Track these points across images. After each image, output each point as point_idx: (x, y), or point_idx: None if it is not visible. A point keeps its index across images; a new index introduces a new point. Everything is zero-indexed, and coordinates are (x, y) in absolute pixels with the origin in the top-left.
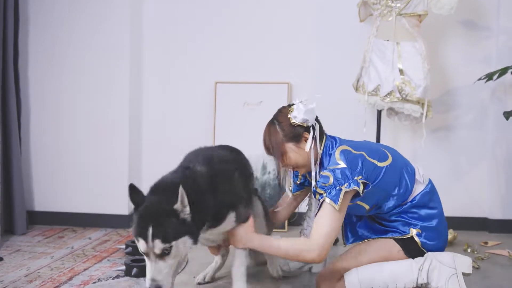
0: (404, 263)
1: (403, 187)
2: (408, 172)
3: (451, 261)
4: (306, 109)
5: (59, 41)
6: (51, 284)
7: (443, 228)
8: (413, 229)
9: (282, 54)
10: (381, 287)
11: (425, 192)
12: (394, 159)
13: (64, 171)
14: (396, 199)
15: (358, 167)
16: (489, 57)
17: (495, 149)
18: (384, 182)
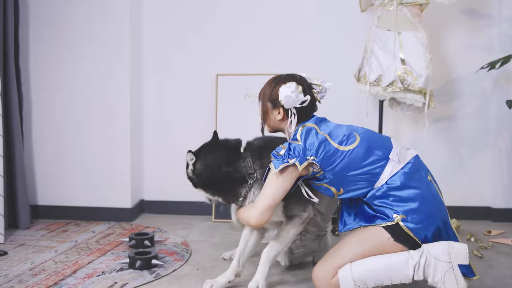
0: (400, 258)
1: (367, 168)
2: (377, 153)
3: (445, 255)
4: (287, 95)
5: (59, 34)
6: (56, 277)
7: (429, 208)
8: (397, 215)
9: (283, 45)
10: (376, 283)
11: (403, 172)
12: (362, 141)
13: (66, 165)
14: (362, 183)
15: (314, 148)
16: (491, 45)
17: (498, 138)
18: (345, 166)
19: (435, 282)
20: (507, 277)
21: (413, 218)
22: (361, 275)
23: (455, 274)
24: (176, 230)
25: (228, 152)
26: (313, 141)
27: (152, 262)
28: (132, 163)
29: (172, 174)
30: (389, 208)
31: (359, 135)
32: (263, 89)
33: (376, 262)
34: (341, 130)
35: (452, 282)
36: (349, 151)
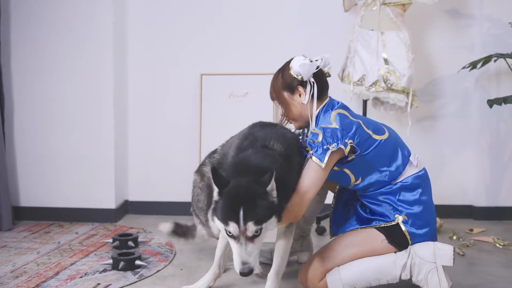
0: (388, 260)
1: (394, 164)
2: (403, 152)
3: (431, 256)
4: (302, 63)
5: (41, 33)
6: (38, 279)
7: (430, 217)
8: (399, 216)
9: (267, 45)
10: (364, 285)
11: (418, 175)
12: (391, 136)
13: (49, 166)
14: (385, 176)
15: (352, 131)
16: (473, 45)
17: (480, 137)
18: (375, 155)
19: (418, 280)
20: (489, 274)
21: (414, 223)
22: (349, 278)
23: (438, 275)
24: (160, 231)
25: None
26: (349, 125)
27: (136, 263)
28: (116, 163)
29: (157, 175)
30: (392, 206)
31: (386, 129)
32: (272, 85)
33: (364, 265)
34: (369, 120)
35: (435, 282)
36: (381, 141)
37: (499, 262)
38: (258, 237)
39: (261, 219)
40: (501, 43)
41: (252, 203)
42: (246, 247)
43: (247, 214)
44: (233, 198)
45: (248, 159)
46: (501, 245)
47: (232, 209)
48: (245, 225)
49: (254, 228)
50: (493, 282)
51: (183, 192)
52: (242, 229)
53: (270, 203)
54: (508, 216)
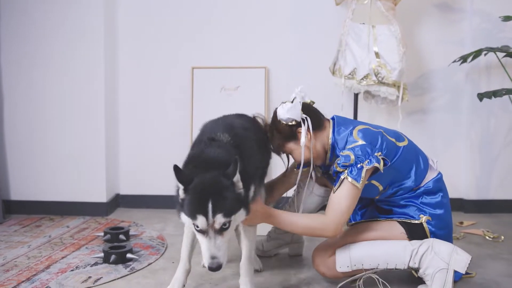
0: (399, 244)
1: (418, 169)
2: (422, 156)
3: (446, 255)
4: (288, 109)
5: (31, 30)
6: (28, 273)
7: (450, 219)
8: (423, 216)
9: (259, 38)
10: (372, 265)
11: (438, 178)
12: (410, 142)
13: (40, 159)
14: (410, 181)
15: (378, 143)
16: (463, 39)
17: (470, 131)
18: (401, 162)
19: (425, 274)
20: (478, 266)
21: (437, 223)
22: (358, 255)
23: (446, 277)
24: (152, 224)
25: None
26: (374, 136)
27: (127, 256)
28: (107, 156)
29: (148, 168)
30: (417, 207)
31: (405, 137)
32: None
33: (375, 246)
34: (388, 128)
35: (440, 283)
36: (404, 147)
37: (489, 254)
38: (226, 230)
39: (229, 211)
40: (491, 37)
41: (220, 195)
42: (215, 240)
43: (215, 206)
44: (200, 192)
45: (204, 153)
46: (491, 238)
47: (200, 203)
48: (213, 218)
49: (223, 220)
50: (482, 274)
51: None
52: (211, 222)
53: (237, 195)
54: (498, 209)
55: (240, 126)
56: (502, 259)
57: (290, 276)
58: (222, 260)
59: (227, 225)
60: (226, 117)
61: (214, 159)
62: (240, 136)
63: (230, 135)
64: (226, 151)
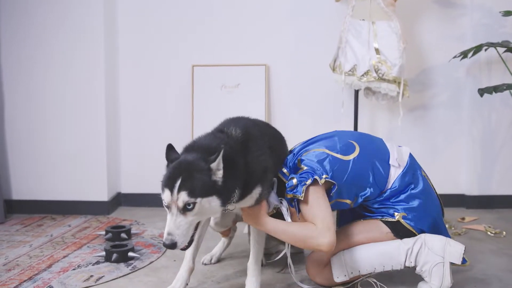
0: (392, 245)
1: (377, 175)
2: (380, 160)
3: (440, 249)
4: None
5: (32, 29)
6: (30, 272)
7: (429, 206)
8: (397, 213)
9: (259, 36)
10: (369, 270)
11: (403, 174)
12: (362, 149)
13: (41, 159)
14: (373, 189)
15: (323, 166)
16: (463, 35)
17: (471, 126)
18: (354, 175)
19: (422, 271)
20: (480, 262)
21: (414, 216)
22: (354, 262)
23: (443, 270)
24: (153, 223)
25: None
26: (317, 159)
27: (129, 254)
28: (108, 155)
29: (150, 166)
30: (390, 207)
31: (356, 143)
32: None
33: (369, 250)
34: (333, 141)
35: (438, 277)
36: (354, 159)
37: (490, 250)
38: (190, 212)
39: (195, 192)
40: (492, 32)
41: (190, 175)
42: (176, 218)
43: (182, 183)
44: (174, 168)
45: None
46: (493, 233)
47: (170, 178)
48: (178, 194)
49: (186, 199)
50: (484, 269)
51: None
52: (174, 198)
53: (212, 182)
54: (499, 205)
55: (259, 129)
56: (504, 255)
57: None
58: (178, 239)
59: (191, 206)
60: (249, 118)
61: (206, 146)
62: (253, 137)
63: (242, 132)
64: (223, 142)
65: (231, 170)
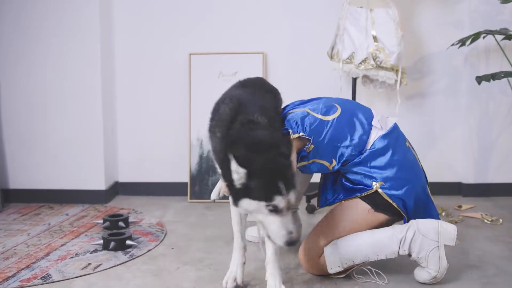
0: (385, 235)
1: (355, 136)
2: (361, 121)
3: (434, 234)
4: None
5: (29, 17)
6: (28, 260)
7: (408, 174)
8: (375, 183)
9: (256, 24)
10: (362, 260)
11: (383, 135)
12: (344, 110)
13: (38, 148)
14: (352, 149)
15: (302, 124)
16: (461, 21)
17: (469, 114)
18: (332, 135)
19: (418, 258)
20: (476, 249)
21: (392, 185)
22: (347, 253)
23: (439, 253)
24: (151, 211)
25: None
26: (296, 118)
27: (126, 243)
28: (105, 144)
29: (147, 155)
30: (367, 175)
31: (339, 105)
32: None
33: (362, 239)
34: (318, 104)
35: (435, 261)
36: (333, 120)
37: (487, 237)
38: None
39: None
40: (490, 19)
41: (287, 174)
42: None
43: (287, 184)
44: (271, 173)
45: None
46: (489, 221)
47: (274, 183)
48: (288, 196)
49: (294, 196)
50: (480, 257)
51: (173, 172)
52: (286, 198)
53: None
54: (496, 193)
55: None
56: (501, 242)
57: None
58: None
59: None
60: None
61: (270, 141)
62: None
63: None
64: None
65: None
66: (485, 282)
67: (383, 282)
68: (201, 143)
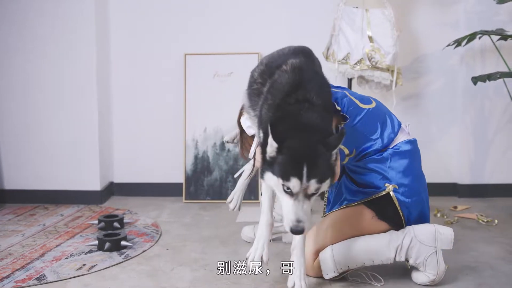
0: (382, 241)
1: (385, 131)
2: (392, 119)
3: (431, 240)
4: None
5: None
6: (23, 261)
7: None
8: (389, 185)
9: (252, 24)
10: (358, 265)
11: (409, 141)
12: (378, 105)
13: (33, 148)
14: (377, 144)
15: (339, 103)
16: (457, 22)
17: (464, 115)
18: (364, 124)
19: (416, 263)
20: (472, 250)
21: (405, 191)
22: (342, 257)
23: (437, 258)
24: (146, 212)
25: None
26: (335, 96)
27: (121, 243)
28: (100, 145)
29: (143, 156)
30: (382, 175)
31: (374, 100)
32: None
33: (357, 245)
34: (355, 92)
35: (433, 265)
36: (369, 110)
37: (482, 238)
38: (314, 196)
39: (322, 178)
40: (486, 20)
41: (317, 161)
42: (303, 204)
43: (311, 171)
44: (297, 154)
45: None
46: (484, 222)
47: (296, 165)
48: (308, 182)
49: (316, 186)
50: (476, 257)
51: (168, 173)
52: (304, 186)
53: (331, 165)
54: (491, 193)
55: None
56: (496, 243)
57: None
58: (306, 225)
59: (317, 191)
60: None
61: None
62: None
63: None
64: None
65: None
66: (481, 282)
67: (379, 284)
68: (196, 144)
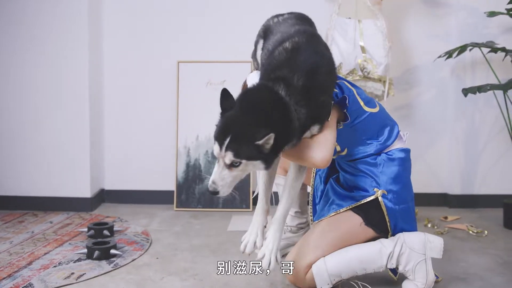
0: (373, 249)
1: (382, 138)
2: (393, 127)
3: (421, 247)
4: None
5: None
6: (10, 269)
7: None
8: (378, 190)
9: (245, 33)
10: (350, 274)
11: (404, 149)
12: (382, 111)
13: (22, 154)
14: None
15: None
16: (449, 34)
17: (455, 126)
18: (363, 126)
19: (405, 271)
20: (461, 261)
21: (393, 198)
22: (335, 268)
23: (426, 267)
24: (137, 220)
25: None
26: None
27: (111, 252)
28: (91, 151)
29: (134, 163)
30: (373, 179)
31: (378, 105)
32: None
33: (349, 255)
34: (362, 92)
35: (422, 274)
36: (371, 113)
37: (472, 249)
38: (236, 168)
39: (241, 155)
40: (477, 32)
41: (239, 138)
42: (222, 170)
43: (230, 144)
44: (226, 124)
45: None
46: (474, 233)
47: (221, 133)
48: (225, 152)
49: (232, 159)
50: (466, 268)
51: (160, 180)
52: (222, 154)
53: (259, 151)
54: (481, 204)
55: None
56: (486, 254)
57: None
58: (220, 189)
59: (237, 164)
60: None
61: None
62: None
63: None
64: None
65: (285, 134)
66: None
67: None
68: (188, 151)
